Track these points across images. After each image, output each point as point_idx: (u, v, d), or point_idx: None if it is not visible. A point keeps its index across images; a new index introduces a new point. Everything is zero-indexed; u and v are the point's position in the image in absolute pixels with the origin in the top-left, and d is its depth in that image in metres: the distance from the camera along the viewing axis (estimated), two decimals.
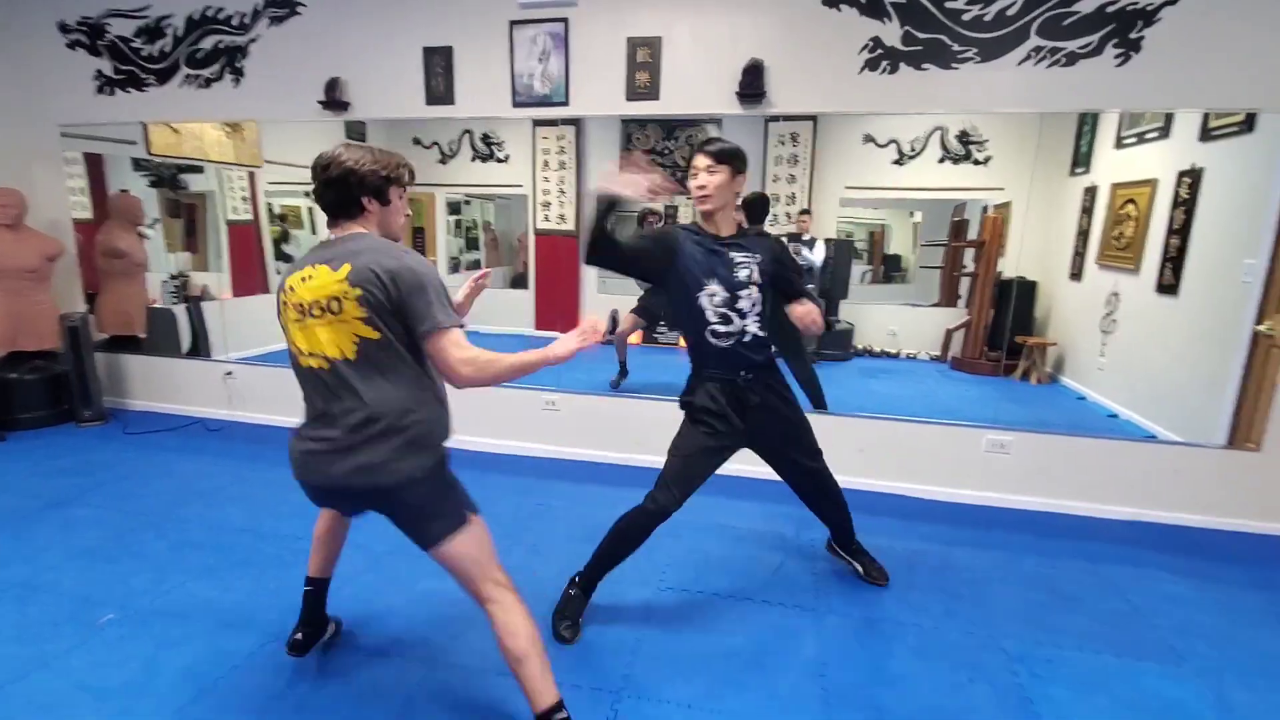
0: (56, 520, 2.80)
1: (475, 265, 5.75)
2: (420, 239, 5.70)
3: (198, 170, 4.75)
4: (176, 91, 3.89)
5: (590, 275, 4.43)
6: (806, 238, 4.11)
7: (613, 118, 3.79)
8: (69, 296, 4.33)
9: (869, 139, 4.16)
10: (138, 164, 4.70)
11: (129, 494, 3.10)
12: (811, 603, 2.31)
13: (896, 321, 4.75)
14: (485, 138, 5.00)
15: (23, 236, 3.87)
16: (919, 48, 2.92)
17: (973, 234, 4.29)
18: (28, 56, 4.07)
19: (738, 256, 2.02)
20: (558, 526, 2.88)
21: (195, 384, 4.28)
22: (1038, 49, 2.79)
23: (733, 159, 1.99)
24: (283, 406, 4.10)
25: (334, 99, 3.59)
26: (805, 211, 4.15)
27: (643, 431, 3.54)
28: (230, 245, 5.11)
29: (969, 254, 4.35)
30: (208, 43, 3.77)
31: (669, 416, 2.25)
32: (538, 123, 4.50)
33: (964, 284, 4.46)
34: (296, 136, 4.20)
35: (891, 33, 2.94)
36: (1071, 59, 2.77)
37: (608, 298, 4.45)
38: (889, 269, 5.07)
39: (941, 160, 4.16)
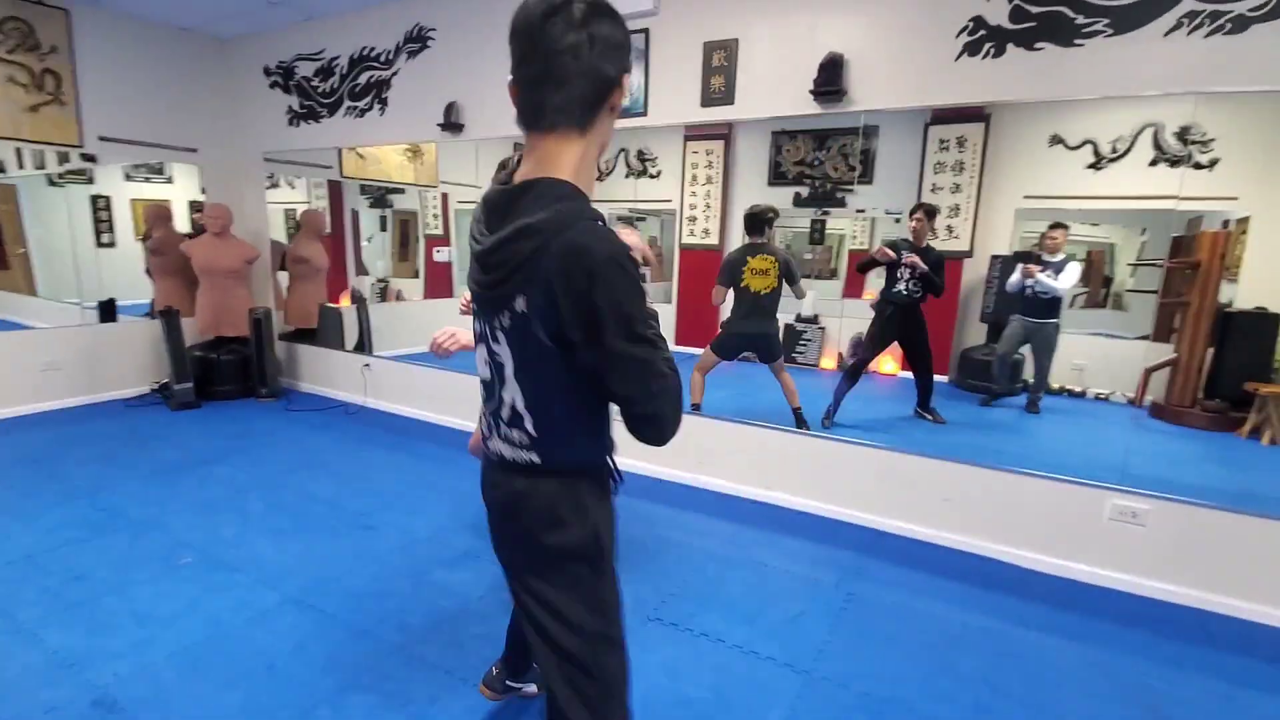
0: (198, 474, 3.39)
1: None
2: None
3: (399, 191, 5.54)
4: (341, 121, 4.55)
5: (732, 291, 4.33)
6: (1058, 258, 3.43)
7: (763, 129, 3.69)
8: (262, 294, 5.25)
9: (1057, 140, 3.51)
10: (363, 189, 5.62)
11: (259, 460, 3.66)
12: (808, 663, 2.01)
13: (1086, 354, 3.98)
14: (640, 154, 5.16)
15: (228, 243, 4.78)
16: (1031, 24, 2.44)
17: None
18: (241, 96, 5.04)
19: None
20: None
21: (343, 373, 4.94)
22: (1192, 14, 2.19)
23: None
24: (409, 397, 4.57)
25: (451, 121, 3.94)
26: (1057, 226, 3.48)
27: (707, 452, 3.38)
28: (425, 255, 5.92)
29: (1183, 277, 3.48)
30: (363, 78, 4.36)
31: (736, 439, 2.08)
32: (688, 137, 4.56)
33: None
34: (469, 159, 4.64)
35: (997, 10, 2.50)
36: (1241, 24, 2.12)
37: None
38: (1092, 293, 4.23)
39: (1154, 163, 3.41)
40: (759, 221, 3.48)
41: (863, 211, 4.86)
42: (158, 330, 4.60)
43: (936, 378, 3.60)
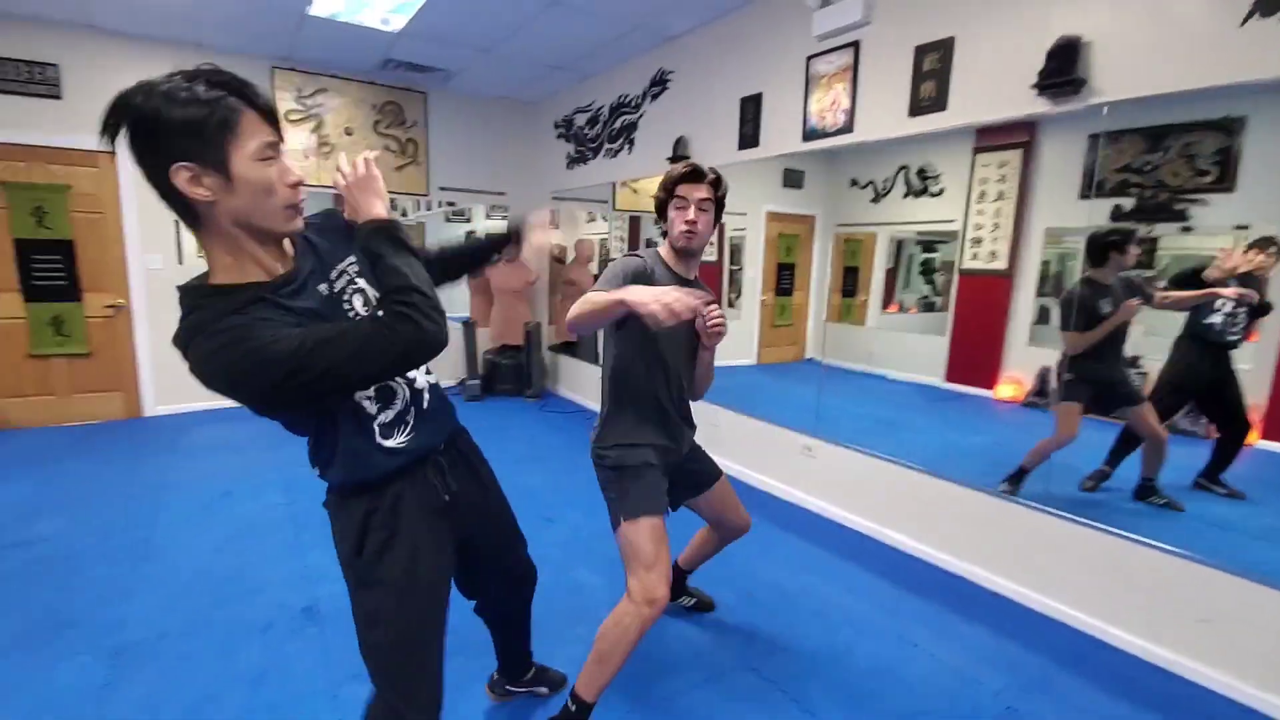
0: None
1: (930, 307, 5.27)
2: (853, 279, 5.89)
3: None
4: (600, 162, 5.19)
5: (1020, 322, 3.79)
6: None
7: (1077, 132, 3.20)
8: (539, 310, 6.22)
9: None
10: (657, 220, 6.29)
11: (497, 447, 4.32)
12: None
13: None
14: (921, 172, 4.89)
15: (516, 268, 5.80)
16: None
17: None
18: (538, 147, 6.08)
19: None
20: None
21: (590, 381, 5.56)
22: None
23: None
24: None
25: (678, 154, 4.21)
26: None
27: (895, 500, 2.99)
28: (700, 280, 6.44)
29: None
30: (618, 122, 4.91)
31: (933, 494, 1.93)
32: (978, 148, 4.17)
33: None
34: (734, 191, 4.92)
35: None
36: None
37: (1039, 350, 3.73)
38: None
39: None
40: (1105, 247, 2.85)
41: (1246, 228, 3.72)
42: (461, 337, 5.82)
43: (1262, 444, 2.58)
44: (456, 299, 6.66)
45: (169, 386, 4.88)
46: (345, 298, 1.15)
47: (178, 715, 1.83)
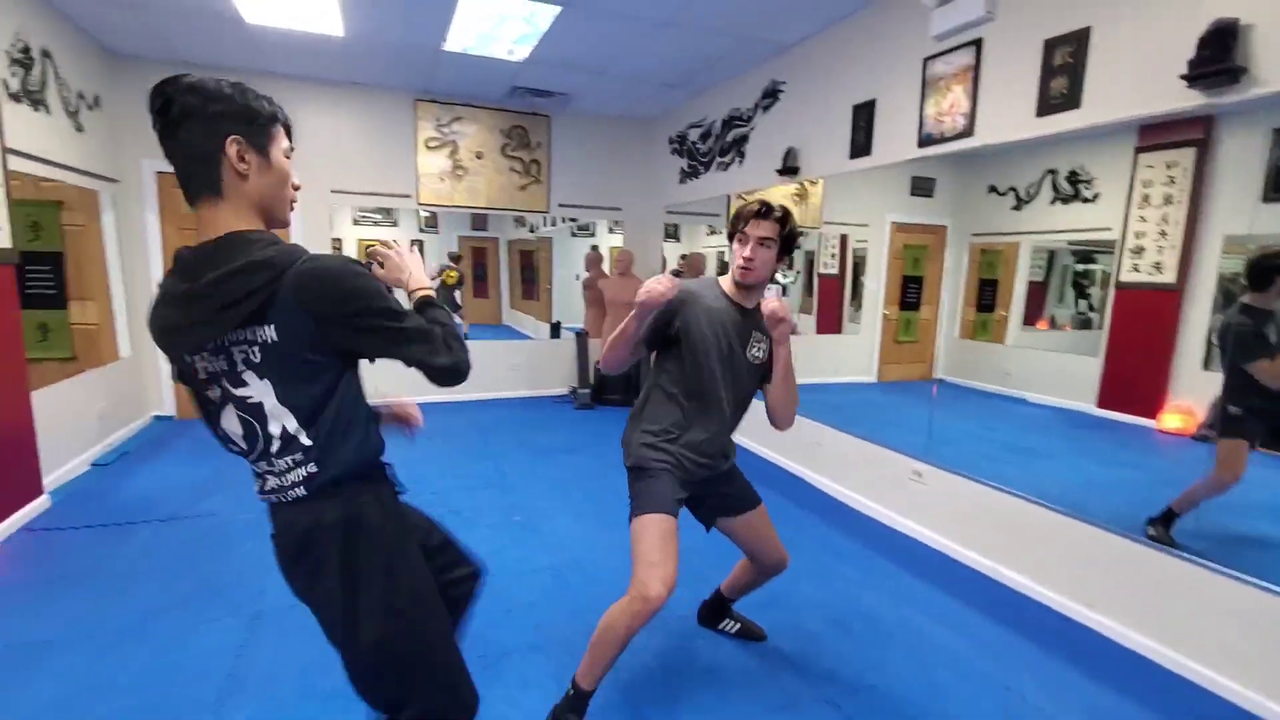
0: (560, 459, 4.36)
1: (1086, 324, 4.76)
2: (990, 292, 5.53)
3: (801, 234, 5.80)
4: (710, 176, 5.20)
5: (1191, 343, 3.26)
6: None
7: (1261, 126, 2.88)
8: None
9: None
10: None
11: (604, 455, 4.48)
12: None
13: None
14: (1072, 175, 4.53)
15: (628, 281, 5.93)
16: None
17: None
18: (652, 163, 6.20)
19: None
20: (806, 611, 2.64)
21: None
22: None
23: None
24: (758, 431, 4.90)
25: (787, 166, 4.13)
26: None
27: (1014, 535, 2.72)
28: (820, 293, 6.25)
29: None
30: (730, 135, 4.90)
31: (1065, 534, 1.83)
32: (1141, 148, 3.78)
33: None
34: (859, 201, 4.61)
35: None
36: None
37: (1217, 376, 3.25)
38: None
39: None
40: (1270, 270, 2.45)
41: None
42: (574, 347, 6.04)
43: None
44: (574, 310, 6.95)
45: None
46: None
47: (294, 678, 2.05)
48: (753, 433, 4.65)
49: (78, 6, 3.82)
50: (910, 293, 4.47)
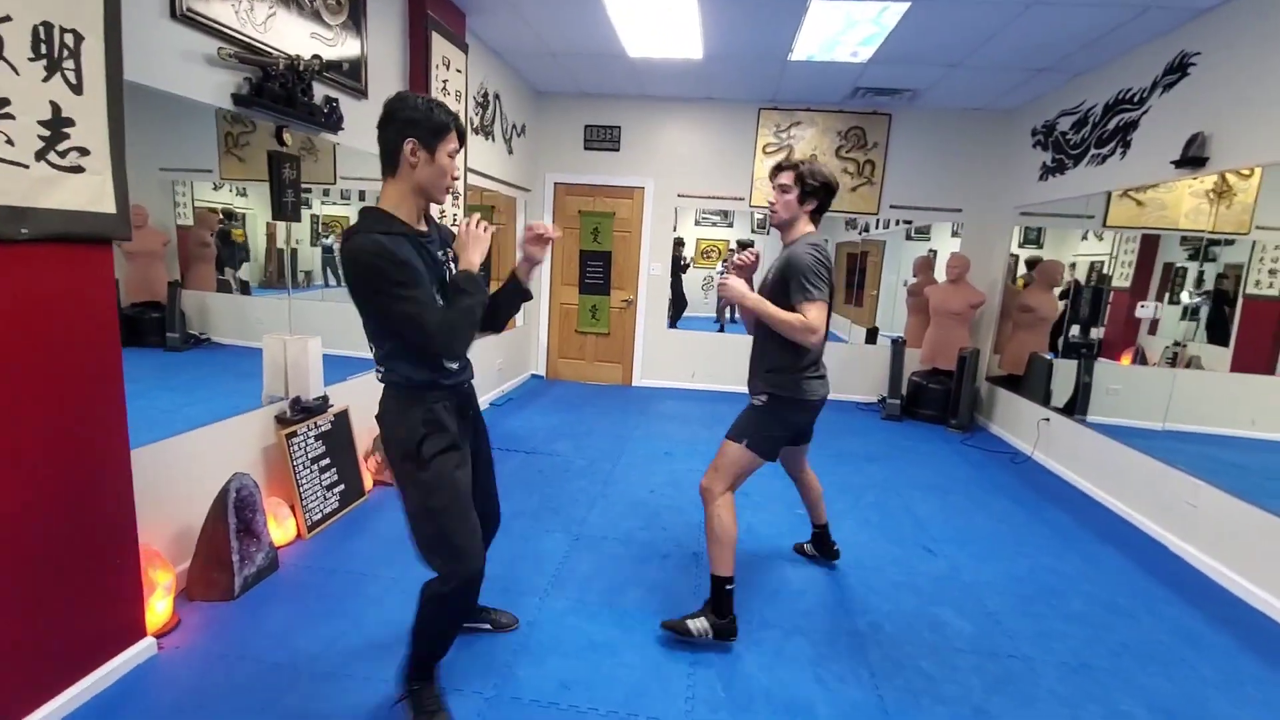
0: (855, 465, 4.31)
1: None
2: None
3: (1228, 243, 4.06)
4: (1080, 171, 4.45)
5: None
6: None
7: None
8: (982, 337, 5.68)
9: None
10: (1183, 239, 4.39)
11: (899, 470, 4.25)
12: None
13: None
14: None
15: (961, 289, 5.43)
16: None
17: None
18: (1005, 158, 5.52)
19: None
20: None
21: (1025, 422, 4.83)
22: None
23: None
24: (1075, 462, 4.18)
25: (1188, 156, 3.34)
26: None
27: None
28: (1243, 319, 4.71)
29: None
30: (1112, 123, 4.12)
31: None
32: None
33: None
34: None
35: None
36: None
37: None
38: None
39: None
40: None
41: None
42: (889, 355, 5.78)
43: None
44: (894, 318, 6.64)
45: (650, 365, 6.34)
46: (446, 266, 1.67)
47: (601, 591, 2.53)
48: (1087, 472, 3.90)
49: (519, 60, 5.07)
50: None
